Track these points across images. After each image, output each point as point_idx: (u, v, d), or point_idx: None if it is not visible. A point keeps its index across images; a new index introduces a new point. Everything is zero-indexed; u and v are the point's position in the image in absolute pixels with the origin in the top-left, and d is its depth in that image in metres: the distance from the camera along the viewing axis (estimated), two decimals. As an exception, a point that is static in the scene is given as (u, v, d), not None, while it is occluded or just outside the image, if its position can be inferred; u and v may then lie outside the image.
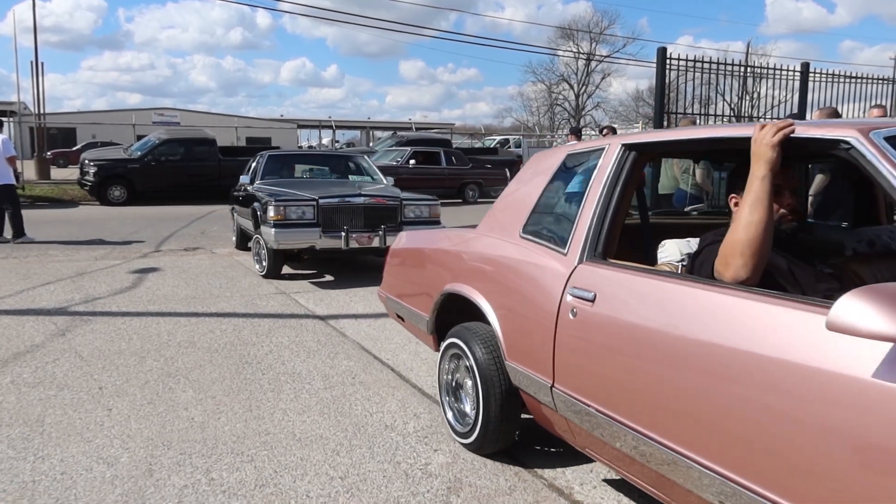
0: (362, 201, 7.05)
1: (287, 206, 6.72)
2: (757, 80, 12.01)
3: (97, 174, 15.97)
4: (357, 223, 6.94)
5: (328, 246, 6.81)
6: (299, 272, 7.70)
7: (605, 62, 52.41)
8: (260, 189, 7.71)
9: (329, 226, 6.83)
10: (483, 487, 2.72)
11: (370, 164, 9.54)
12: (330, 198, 6.94)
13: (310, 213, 6.78)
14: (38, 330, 5.00)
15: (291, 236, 6.70)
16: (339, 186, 7.95)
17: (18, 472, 2.81)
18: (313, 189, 7.40)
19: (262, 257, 7.20)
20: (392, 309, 3.94)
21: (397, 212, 7.14)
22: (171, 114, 44.26)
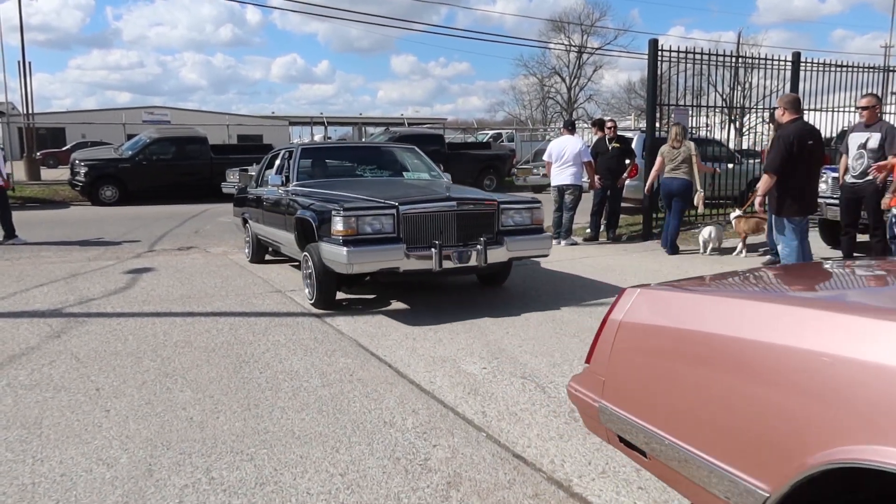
0: (454, 206, 5.42)
1: (360, 216, 5.13)
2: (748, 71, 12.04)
3: (88, 174, 15.89)
4: (449, 235, 5.38)
5: (416, 268, 5.23)
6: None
7: (597, 54, 52.39)
8: (303, 193, 6.24)
9: (415, 240, 5.27)
10: (482, 481, 2.74)
11: (423, 156, 7.72)
12: (412, 203, 5.34)
13: (389, 224, 5.20)
14: (33, 332, 4.98)
15: (369, 256, 5.07)
16: (405, 187, 6.45)
17: (18, 474, 2.81)
18: (375, 191, 5.86)
19: (313, 281, 5.67)
20: (626, 431, 2.05)
21: (495, 218, 5.60)
22: (162, 112, 44.03)
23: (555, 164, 9.18)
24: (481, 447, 3.05)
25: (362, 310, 5.62)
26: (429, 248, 5.24)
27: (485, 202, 5.62)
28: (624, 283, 6.36)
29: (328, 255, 5.25)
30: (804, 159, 5.79)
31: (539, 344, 4.65)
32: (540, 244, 5.78)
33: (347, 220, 5.10)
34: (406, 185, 6.78)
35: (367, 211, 5.19)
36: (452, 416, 3.40)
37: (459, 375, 4.02)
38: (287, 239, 6.47)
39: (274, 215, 6.90)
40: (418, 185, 6.66)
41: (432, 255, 5.21)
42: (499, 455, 2.97)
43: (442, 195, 5.67)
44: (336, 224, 5.13)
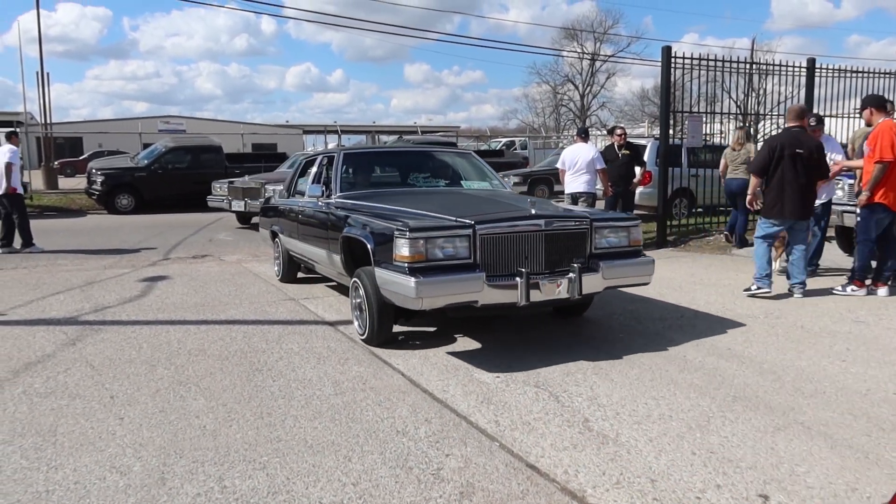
0: (541, 225, 4.50)
1: (430, 237, 4.21)
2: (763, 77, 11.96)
3: (105, 183, 16.06)
4: (534, 261, 4.47)
5: (497, 301, 4.28)
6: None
7: (610, 62, 52.34)
8: (349, 207, 5.42)
9: (494, 267, 4.36)
10: (495, 492, 2.71)
11: (482, 162, 6.88)
12: (491, 222, 4.42)
13: (463, 247, 4.28)
14: (49, 340, 5.02)
15: (442, 288, 4.13)
16: (474, 201, 5.46)
17: (32, 482, 2.82)
18: (437, 206, 4.93)
19: (365, 314, 4.81)
20: None
21: (587, 239, 4.68)
22: (177, 121, 44.41)
23: (568, 171, 9.16)
24: (494, 457, 3.03)
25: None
26: (512, 277, 4.32)
27: (577, 219, 4.71)
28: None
29: (388, 285, 4.33)
30: (789, 165, 6.12)
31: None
32: (640, 270, 4.85)
33: (415, 242, 4.17)
34: (472, 197, 5.72)
35: (438, 232, 4.25)
36: (465, 426, 3.38)
37: (472, 384, 4.00)
38: (329, 259, 5.72)
39: (312, 231, 6.13)
40: (488, 199, 5.59)
41: (517, 286, 4.27)
42: (512, 465, 2.95)
43: (525, 211, 4.63)
44: (400, 248, 4.21)
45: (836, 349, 4.67)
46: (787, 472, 2.85)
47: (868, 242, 6.28)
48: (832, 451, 3.06)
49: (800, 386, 3.92)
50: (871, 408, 3.58)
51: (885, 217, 6.21)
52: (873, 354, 4.54)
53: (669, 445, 3.13)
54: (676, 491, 2.70)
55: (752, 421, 3.41)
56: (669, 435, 3.24)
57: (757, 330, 5.19)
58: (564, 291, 4.43)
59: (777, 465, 2.92)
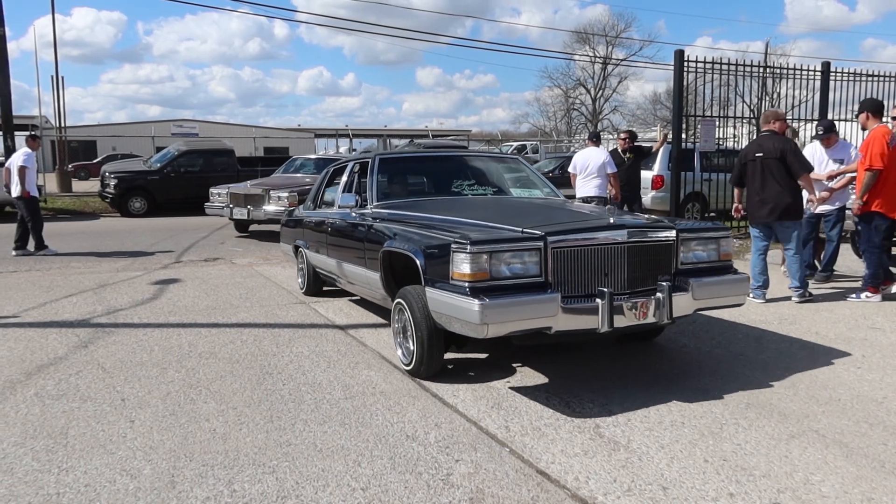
0: (623, 236, 3.88)
1: (495, 251, 3.59)
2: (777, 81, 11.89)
3: (118, 186, 16.17)
4: (615, 278, 3.85)
5: (574, 327, 3.67)
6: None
7: (622, 65, 52.24)
8: (390, 217, 4.87)
9: (569, 286, 3.75)
10: (505, 498, 2.69)
11: (531, 168, 6.37)
12: (565, 233, 3.80)
13: (533, 263, 3.66)
14: (61, 342, 5.05)
15: (511, 312, 3.51)
16: (535, 209, 4.88)
17: (43, 484, 2.83)
18: (491, 215, 4.39)
19: (413, 340, 4.16)
20: None
21: (673, 253, 4.06)
22: (190, 125, 44.75)
23: (580, 176, 9.13)
24: (504, 463, 3.01)
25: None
26: (591, 299, 3.71)
27: (662, 229, 4.06)
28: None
29: (443, 308, 3.74)
30: (752, 171, 6.29)
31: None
32: (734, 288, 4.20)
33: (477, 257, 3.53)
34: (531, 205, 5.17)
35: (504, 245, 3.62)
36: (475, 431, 3.37)
37: (482, 389, 3.98)
38: (364, 278, 5.10)
39: (344, 245, 5.56)
40: (552, 206, 5.02)
41: (598, 309, 3.65)
42: (522, 471, 2.93)
43: (602, 220, 4.08)
44: (460, 264, 3.59)
45: (851, 356, 4.62)
46: (802, 481, 2.82)
47: (873, 249, 6.23)
48: (847, 459, 3.02)
49: (814, 393, 3.88)
50: (887, 416, 3.53)
51: (883, 223, 6.16)
52: (890, 362, 4.49)
53: (682, 452, 3.10)
54: (689, 499, 2.67)
55: (766, 428, 3.37)
56: (681, 442, 3.21)
57: (770, 336, 5.14)
58: (651, 315, 3.80)
59: (791, 474, 2.88)
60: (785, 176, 6.13)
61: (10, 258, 9.36)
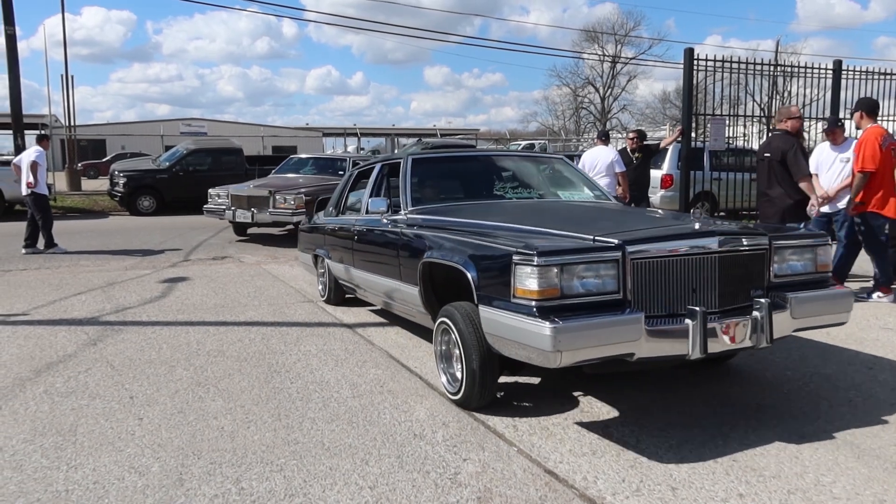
0: (714, 244, 3.29)
1: (566, 263, 3.05)
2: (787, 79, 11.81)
3: (127, 185, 16.25)
4: (704, 294, 3.28)
5: (660, 353, 3.12)
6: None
7: (631, 64, 52.08)
8: (428, 224, 4.34)
9: (653, 305, 3.19)
10: (513, 497, 2.68)
11: (576, 169, 5.85)
12: (643, 241, 3.24)
13: (610, 277, 3.12)
14: (70, 340, 5.07)
15: (588, 336, 2.97)
16: (592, 213, 4.47)
17: (52, 481, 2.84)
18: (546, 221, 3.84)
19: (462, 366, 3.60)
20: None
21: (765, 263, 3.51)
22: (199, 124, 44.87)
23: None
24: (512, 462, 3.00)
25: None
26: (678, 319, 3.16)
27: (755, 236, 3.49)
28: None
29: (503, 330, 3.20)
30: (760, 170, 6.34)
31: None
32: (837, 305, 3.62)
33: (546, 271, 3.00)
34: (592, 209, 4.63)
35: (577, 256, 3.09)
36: (483, 430, 3.35)
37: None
38: (400, 292, 4.57)
39: (374, 255, 5.05)
40: (615, 211, 4.56)
41: (688, 331, 3.09)
42: (530, 470, 2.92)
43: (688, 226, 3.47)
44: (524, 278, 3.05)
45: (862, 357, 4.58)
46: (813, 482, 2.79)
47: (878, 249, 6.19)
48: (859, 461, 2.99)
49: (825, 394, 3.85)
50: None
51: (882, 222, 6.11)
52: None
53: (691, 453, 3.08)
54: (698, 500, 2.66)
55: (776, 429, 3.34)
56: (691, 442, 3.19)
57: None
58: (748, 338, 3.25)
59: (802, 475, 2.86)
60: (788, 178, 6.12)
61: (20, 256, 9.41)
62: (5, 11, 15.85)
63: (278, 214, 10.42)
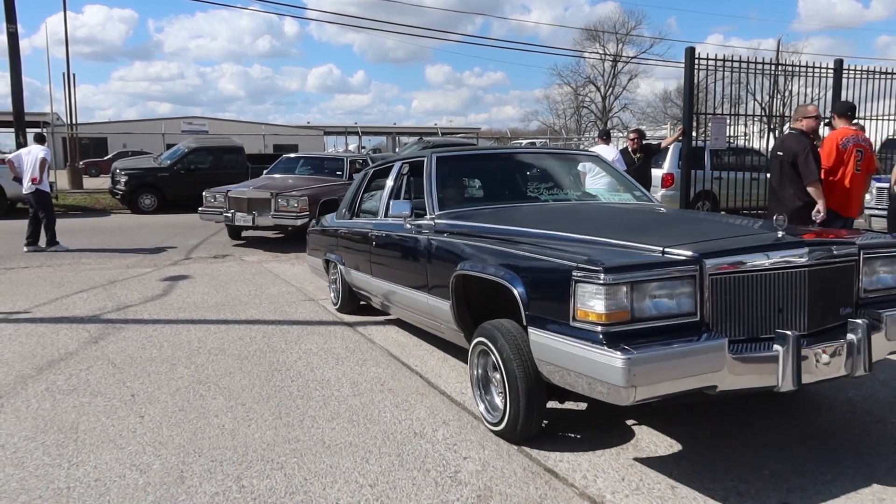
0: (804, 256, 2.89)
1: (637, 280, 2.66)
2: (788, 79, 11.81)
3: (128, 183, 16.25)
4: (795, 315, 2.89)
5: (747, 385, 2.73)
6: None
7: (632, 63, 52.02)
8: (459, 230, 3.93)
9: (736, 327, 2.81)
10: (513, 496, 2.69)
11: (615, 168, 5.55)
12: (723, 253, 2.84)
13: (686, 296, 2.73)
14: (72, 337, 5.08)
15: (667, 368, 2.58)
16: (650, 219, 3.96)
17: (53, 478, 2.85)
18: (603, 228, 3.44)
19: (497, 392, 3.32)
20: None
21: (854, 277, 3.10)
22: (200, 122, 44.92)
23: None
24: (512, 460, 3.01)
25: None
26: (765, 344, 2.76)
27: (845, 244, 3.07)
28: None
29: (560, 359, 2.81)
30: (773, 169, 6.14)
31: None
32: None
33: (614, 290, 2.61)
34: (647, 215, 4.11)
35: (650, 272, 2.68)
36: (483, 429, 3.36)
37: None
38: (426, 306, 4.13)
39: (396, 264, 4.64)
40: (672, 216, 4.19)
41: (779, 358, 2.69)
42: (530, 469, 2.93)
43: (771, 235, 3.01)
44: (587, 298, 2.66)
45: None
46: (811, 481, 2.80)
47: None
48: (858, 459, 3.00)
49: (824, 392, 3.85)
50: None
51: (838, 222, 6.10)
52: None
53: (690, 451, 3.09)
54: (697, 498, 2.66)
55: (775, 427, 3.35)
56: (691, 441, 3.20)
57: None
58: (843, 364, 2.82)
59: (801, 473, 2.86)
60: (798, 179, 6.00)
61: (21, 254, 9.43)
62: (7, 9, 15.88)
63: (281, 217, 10.00)
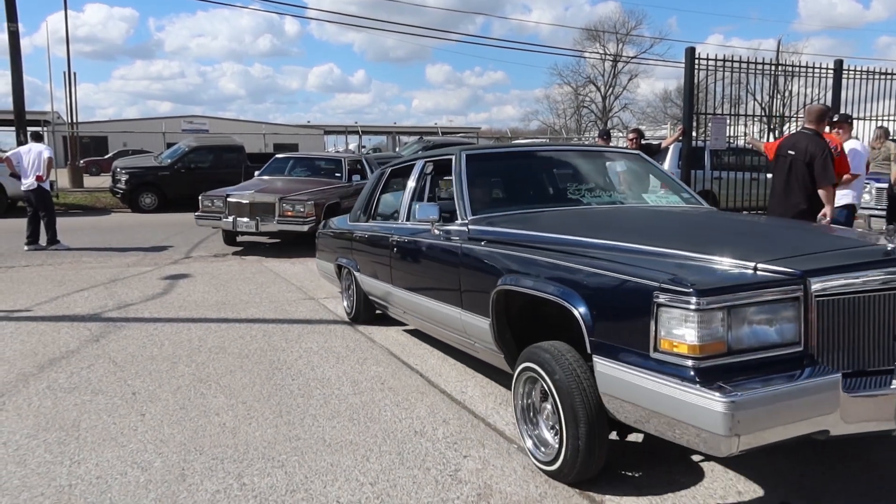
0: None
1: (734, 304, 2.22)
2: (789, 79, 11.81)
3: (129, 182, 16.26)
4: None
5: (864, 429, 2.32)
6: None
7: (633, 63, 52.03)
8: (498, 237, 3.48)
9: (843, 359, 2.38)
10: (513, 494, 2.70)
11: (658, 167, 5.01)
12: (832, 271, 2.39)
13: (789, 322, 2.30)
14: (73, 336, 5.09)
15: (776, 412, 2.17)
16: (711, 228, 3.40)
17: (55, 476, 2.86)
18: (673, 239, 2.96)
19: (541, 423, 2.96)
20: None
21: None
22: (201, 121, 44.86)
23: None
24: (512, 459, 3.02)
25: (394, 320, 3.70)
26: (882, 379, 2.36)
27: None
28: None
29: (638, 396, 2.40)
30: (780, 168, 5.96)
31: None
32: None
33: (709, 316, 2.19)
34: (714, 221, 3.61)
35: (748, 293, 2.25)
36: (483, 427, 3.37)
37: (491, 386, 3.99)
38: (460, 322, 3.68)
39: (424, 274, 4.21)
40: (745, 223, 3.81)
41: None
42: (530, 468, 2.93)
43: (880, 248, 2.60)
44: (675, 324, 2.25)
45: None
46: (811, 479, 2.81)
47: None
48: (858, 460, 3.01)
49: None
50: None
51: None
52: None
53: (691, 450, 3.09)
54: (696, 497, 2.67)
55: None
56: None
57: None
58: None
59: (802, 474, 2.87)
60: (808, 182, 5.82)
61: (22, 252, 9.44)
62: (8, 8, 15.88)
63: (287, 223, 9.36)
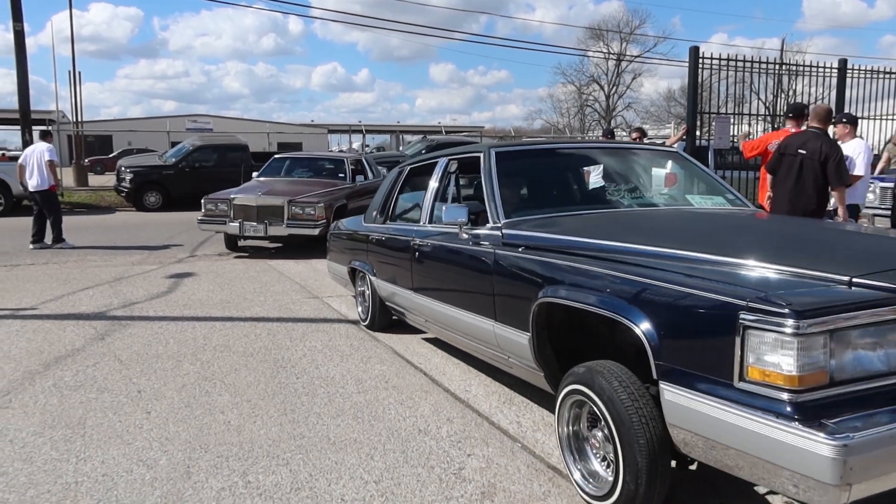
0: None
1: (837, 327, 1.91)
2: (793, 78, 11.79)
3: (133, 180, 16.31)
4: None
5: None
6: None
7: (636, 62, 51.97)
8: (540, 244, 3.14)
9: None
10: (517, 492, 2.71)
11: (701, 166, 4.72)
12: None
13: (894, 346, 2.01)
14: (79, 334, 5.11)
15: (891, 454, 1.82)
16: (778, 234, 3.08)
17: (62, 473, 2.88)
18: (746, 249, 2.54)
19: (590, 453, 2.66)
20: None
21: None
22: (205, 120, 44.94)
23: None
24: (516, 457, 3.03)
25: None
26: None
27: None
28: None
29: (721, 433, 2.07)
30: (787, 166, 5.79)
31: None
32: None
33: (811, 341, 1.89)
34: (778, 227, 3.39)
35: (854, 314, 1.95)
36: (487, 426, 3.38)
37: (494, 385, 4.00)
38: (493, 335, 3.38)
39: (451, 281, 3.91)
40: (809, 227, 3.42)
41: None
42: (534, 466, 2.94)
43: None
44: (767, 351, 1.94)
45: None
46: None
47: None
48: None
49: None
50: None
51: None
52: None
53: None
54: (698, 495, 2.68)
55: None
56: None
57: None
58: None
59: None
60: (820, 182, 5.74)
61: (28, 251, 9.48)
62: (13, 8, 15.93)
63: (297, 226, 8.95)
